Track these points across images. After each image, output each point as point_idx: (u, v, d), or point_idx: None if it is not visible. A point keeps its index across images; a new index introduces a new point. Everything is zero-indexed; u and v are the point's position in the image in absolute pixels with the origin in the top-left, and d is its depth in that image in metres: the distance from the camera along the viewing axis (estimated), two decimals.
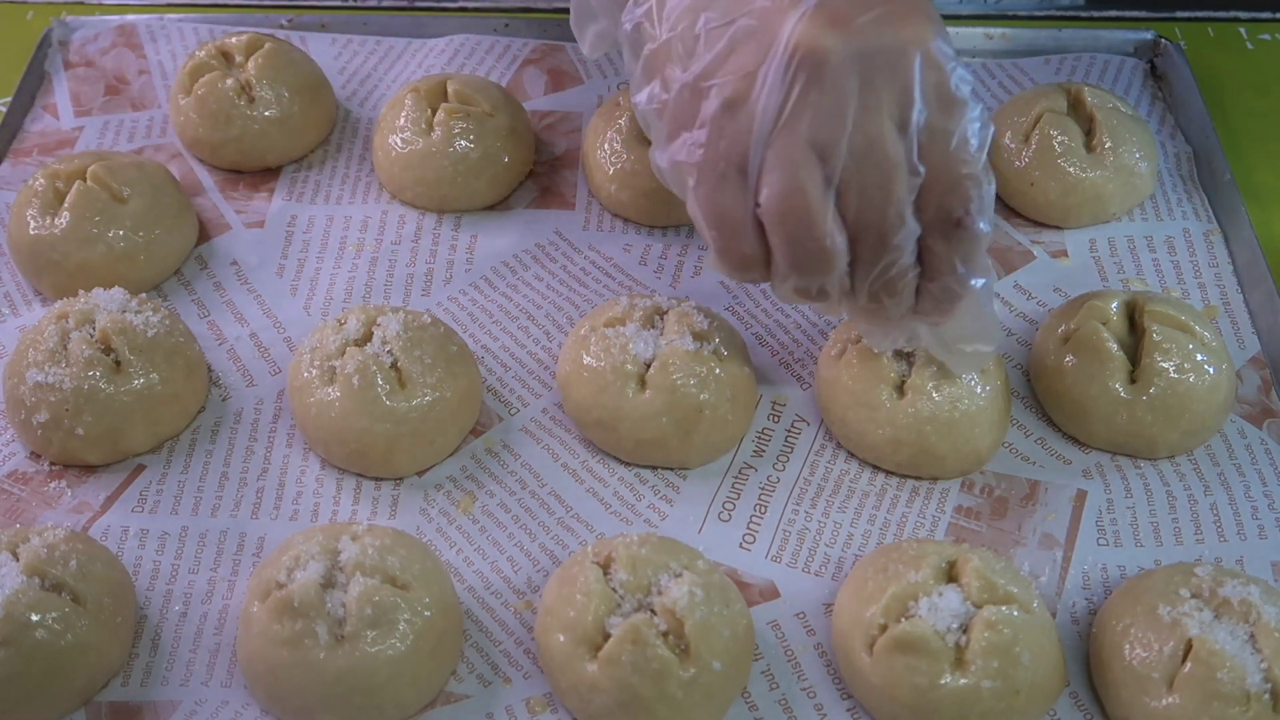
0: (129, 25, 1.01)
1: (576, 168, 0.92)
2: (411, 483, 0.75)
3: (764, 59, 0.59)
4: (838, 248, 0.62)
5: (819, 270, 0.63)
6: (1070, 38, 1.01)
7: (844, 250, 0.62)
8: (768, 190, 0.61)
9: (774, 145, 0.60)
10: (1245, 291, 0.84)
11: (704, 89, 0.62)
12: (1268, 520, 0.73)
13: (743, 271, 0.65)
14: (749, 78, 0.60)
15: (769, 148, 0.60)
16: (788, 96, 0.59)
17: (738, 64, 0.60)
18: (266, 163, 0.91)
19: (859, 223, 0.61)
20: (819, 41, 0.58)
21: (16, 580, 0.63)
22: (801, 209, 0.60)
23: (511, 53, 1.00)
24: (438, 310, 0.83)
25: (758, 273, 0.65)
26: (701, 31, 0.62)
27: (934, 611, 0.63)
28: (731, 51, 0.61)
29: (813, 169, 0.60)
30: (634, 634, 0.61)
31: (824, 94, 0.59)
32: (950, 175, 0.60)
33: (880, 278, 0.63)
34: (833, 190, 0.60)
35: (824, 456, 0.76)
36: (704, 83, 0.62)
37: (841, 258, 0.62)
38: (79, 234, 0.80)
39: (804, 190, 0.60)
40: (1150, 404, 0.73)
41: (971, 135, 0.60)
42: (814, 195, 0.60)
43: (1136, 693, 0.63)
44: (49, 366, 0.72)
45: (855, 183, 0.60)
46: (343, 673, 0.62)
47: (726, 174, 0.62)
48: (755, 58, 0.60)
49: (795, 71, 0.59)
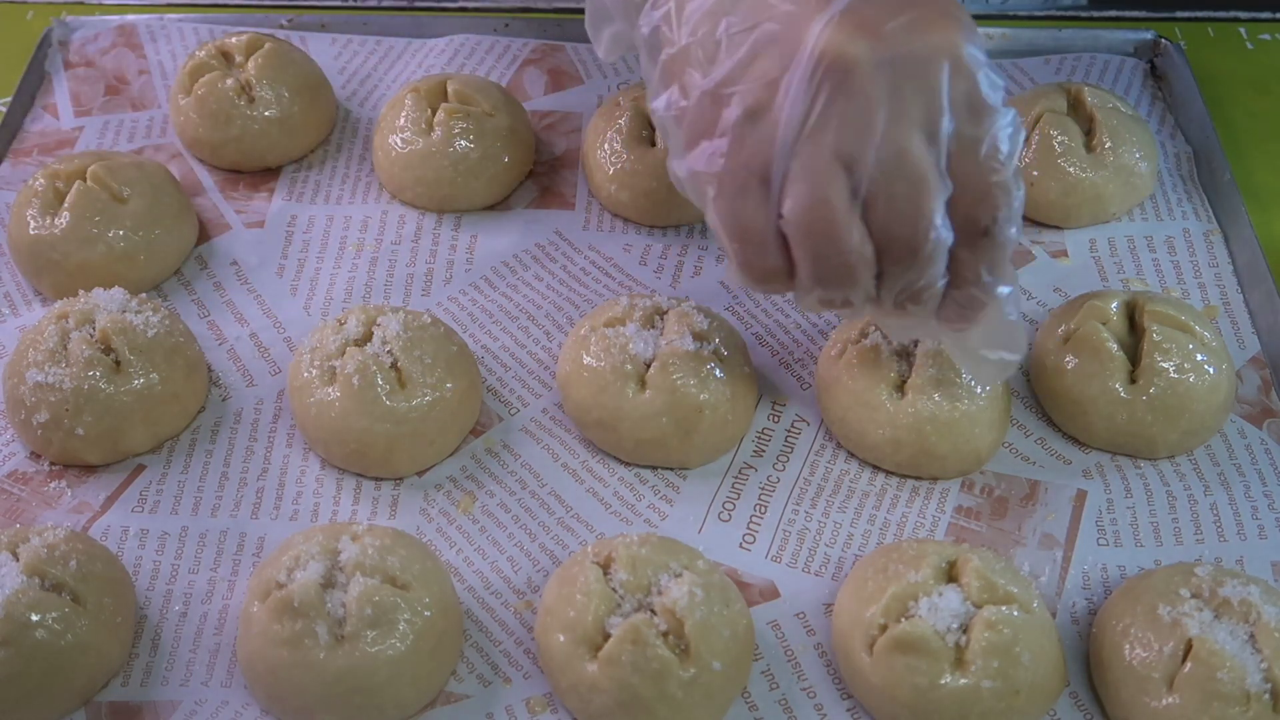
0: (129, 25, 1.01)
1: (576, 168, 0.92)
2: (411, 483, 0.75)
3: (788, 66, 0.58)
4: (864, 261, 0.60)
5: (844, 283, 0.61)
6: (1070, 38, 1.01)
7: (871, 263, 0.60)
8: (792, 202, 0.59)
9: (798, 155, 0.58)
10: (1245, 291, 0.84)
11: (725, 96, 0.60)
12: (1268, 520, 0.73)
13: (765, 284, 0.64)
14: (772, 85, 0.58)
15: (793, 158, 0.58)
16: (813, 105, 0.57)
17: (761, 71, 0.59)
18: (266, 163, 0.91)
19: (887, 235, 0.59)
20: (846, 49, 0.56)
21: (16, 580, 0.63)
22: (827, 222, 0.59)
23: (511, 53, 1.00)
24: (438, 310, 0.83)
25: (780, 284, 0.63)
26: (723, 36, 0.60)
27: (934, 611, 0.63)
28: (754, 58, 0.59)
29: (839, 180, 0.58)
30: (634, 634, 0.61)
31: (851, 103, 0.57)
32: (979, 184, 0.59)
33: (908, 289, 0.61)
34: (859, 202, 0.59)
35: (824, 456, 0.76)
36: (725, 90, 0.60)
37: (868, 271, 0.61)
38: (79, 234, 0.80)
39: (829, 203, 0.58)
40: (1150, 404, 0.73)
41: (1002, 142, 0.59)
42: (840, 208, 0.58)
43: (1136, 693, 0.63)
44: (49, 366, 0.72)
45: (883, 194, 0.58)
46: (343, 673, 0.62)
47: (748, 185, 0.60)
48: (779, 65, 0.58)
49: (821, 80, 0.57)
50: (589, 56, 1.00)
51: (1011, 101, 0.91)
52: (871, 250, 0.60)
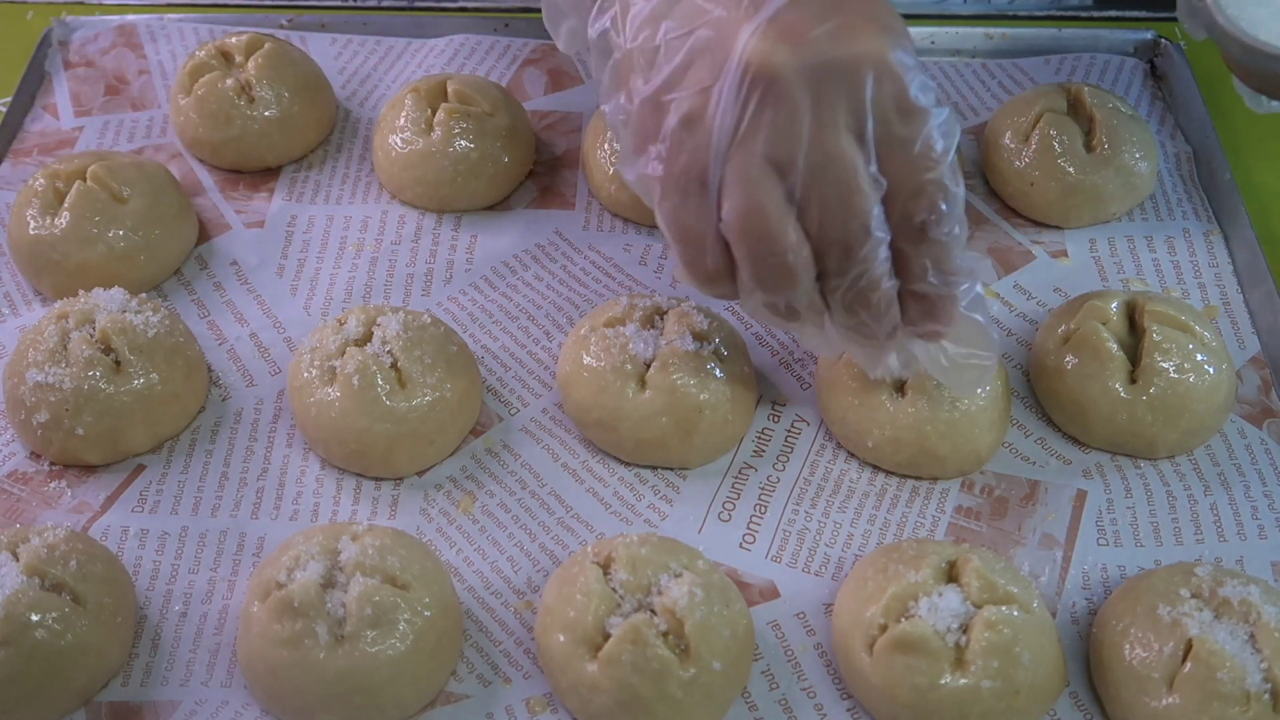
0: (129, 25, 1.01)
1: (576, 168, 0.92)
2: (411, 483, 0.75)
3: (719, 74, 0.59)
4: (801, 262, 0.61)
5: (784, 285, 0.62)
6: (1070, 38, 1.01)
7: (808, 264, 0.61)
8: (728, 206, 0.60)
9: (731, 162, 0.60)
10: (1245, 291, 0.84)
11: (664, 103, 0.61)
12: (1268, 520, 0.73)
13: (709, 285, 0.65)
14: (705, 93, 0.60)
15: (727, 164, 0.60)
16: (742, 114, 0.59)
17: (695, 78, 0.60)
18: (266, 163, 0.91)
19: (823, 237, 0.61)
20: (771, 58, 0.58)
21: (16, 580, 0.63)
22: (762, 225, 0.60)
23: (511, 53, 1.00)
24: (438, 310, 0.83)
25: (725, 287, 0.64)
26: (661, 42, 0.61)
27: (934, 611, 0.63)
28: (689, 65, 0.60)
29: (771, 185, 0.59)
30: (634, 634, 0.61)
31: (777, 111, 0.58)
32: (913, 183, 0.60)
33: (850, 290, 0.62)
34: (794, 205, 0.60)
35: (824, 456, 0.76)
36: (664, 96, 0.61)
37: (806, 272, 0.62)
38: (79, 234, 0.80)
39: (763, 208, 0.59)
40: (1150, 404, 0.73)
41: (935, 140, 0.59)
42: (773, 212, 0.60)
43: (1136, 693, 0.63)
44: (49, 366, 0.72)
45: (816, 197, 0.60)
46: (343, 673, 0.62)
47: (688, 189, 0.61)
48: (711, 72, 0.59)
49: (748, 89, 0.58)
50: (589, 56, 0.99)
51: (1011, 101, 0.91)
52: (809, 251, 0.61)
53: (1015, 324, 0.83)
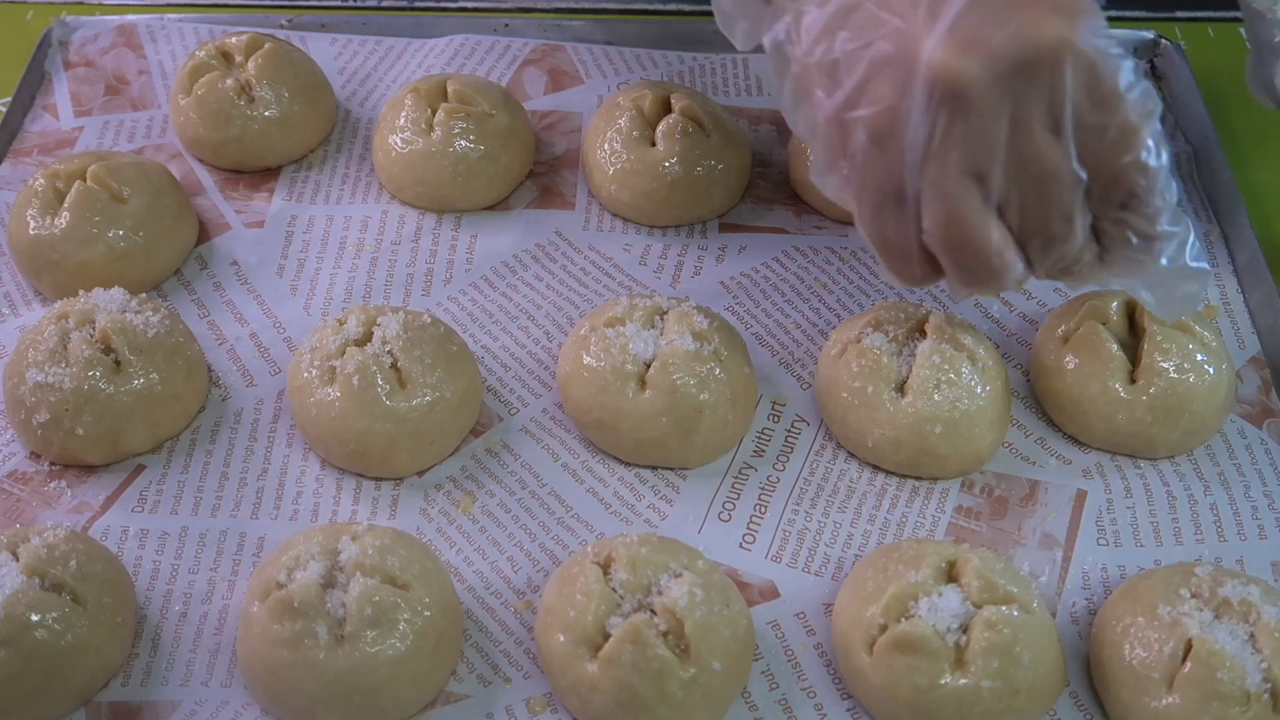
0: (129, 25, 1.01)
1: (576, 168, 0.92)
2: (411, 483, 0.75)
3: (904, 90, 0.58)
4: (1008, 257, 0.62)
5: (992, 283, 0.63)
6: None
7: (1015, 260, 0.62)
8: (929, 219, 0.61)
9: (927, 175, 0.59)
10: (1245, 291, 0.84)
11: (850, 121, 0.61)
12: (1268, 520, 0.73)
13: (918, 285, 0.66)
14: (892, 111, 0.59)
15: (923, 178, 0.60)
16: (933, 129, 0.58)
17: (878, 94, 0.59)
18: (266, 163, 0.91)
19: (1025, 228, 0.61)
20: (957, 71, 0.56)
21: (16, 580, 0.63)
22: (964, 235, 0.60)
23: (511, 53, 1.00)
24: (438, 310, 0.83)
25: (933, 283, 0.66)
26: (840, 55, 0.61)
27: (934, 611, 0.63)
28: (871, 79, 0.60)
29: (970, 194, 0.59)
30: (634, 634, 0.61)
31: (969, 123, 0.57)
32: (1112, 167, 0.59)
33: (1054, 266, 0.63)
34: (994, 206, 0.60)
35: (824, 456, 0.76)
36: (848, 114, 0.61)
37: (1014, 263, 0.62)
38: (79, 234, 0.80)
39: (964, 218, 0.60)
40: (1150, 404, 0.73)
41: (1130, 122, 0.58)
42: (974, 220, 0.60)
43: (1136, 693, 0.63)
44: (49, 366, 0.72)
45: (1016, 195, 0.60)
46: (343, 673, 0.62)
47: (884, 204, 0.62)
48: (895, 89, 0.59)
49: (938, 105, 0.57)
50: (589, 56, 1.00)
51: None
52: (1014, 247, 0.62)
53: (1015, 324, 0.83)
